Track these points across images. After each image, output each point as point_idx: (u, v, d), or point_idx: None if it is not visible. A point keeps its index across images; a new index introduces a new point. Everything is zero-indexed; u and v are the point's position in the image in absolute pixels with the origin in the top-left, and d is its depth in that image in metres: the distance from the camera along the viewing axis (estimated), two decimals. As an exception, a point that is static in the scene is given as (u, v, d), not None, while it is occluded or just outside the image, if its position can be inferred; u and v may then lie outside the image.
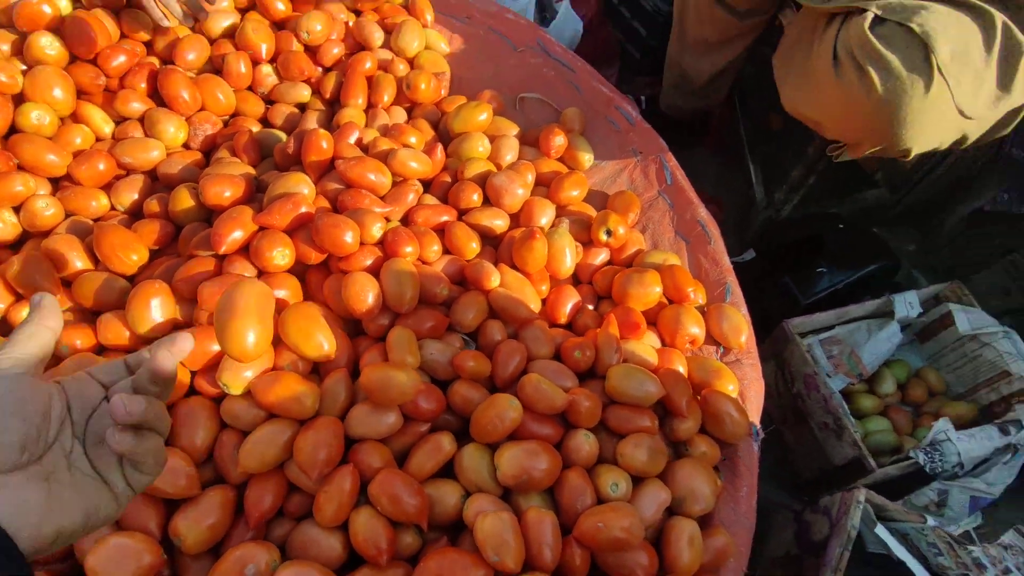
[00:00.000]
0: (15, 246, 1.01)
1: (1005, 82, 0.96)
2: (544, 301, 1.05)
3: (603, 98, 1.34)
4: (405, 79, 1.25)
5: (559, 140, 1.20)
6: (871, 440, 1.36)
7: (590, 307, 1.07)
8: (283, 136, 1.16)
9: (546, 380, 0.88)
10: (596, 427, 0.90)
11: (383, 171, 1.05)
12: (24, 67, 1.08)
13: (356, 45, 1.34)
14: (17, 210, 1.00)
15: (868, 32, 0.95)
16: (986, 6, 0.96)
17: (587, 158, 1.24)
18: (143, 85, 1.16)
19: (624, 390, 0.89)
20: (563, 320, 1.03)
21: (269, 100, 1.26)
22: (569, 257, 1.06)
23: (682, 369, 0.97)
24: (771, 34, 1.37)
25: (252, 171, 1.08)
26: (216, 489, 0.79)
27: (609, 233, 1.08)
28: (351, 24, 1.34)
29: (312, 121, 1.19)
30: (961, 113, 0.98)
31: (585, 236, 1.12)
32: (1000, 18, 0.95)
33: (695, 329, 1.01)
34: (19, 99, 1.06)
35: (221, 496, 0.79)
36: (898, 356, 1.51)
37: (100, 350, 0.89)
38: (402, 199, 1.06)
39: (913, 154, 1.06)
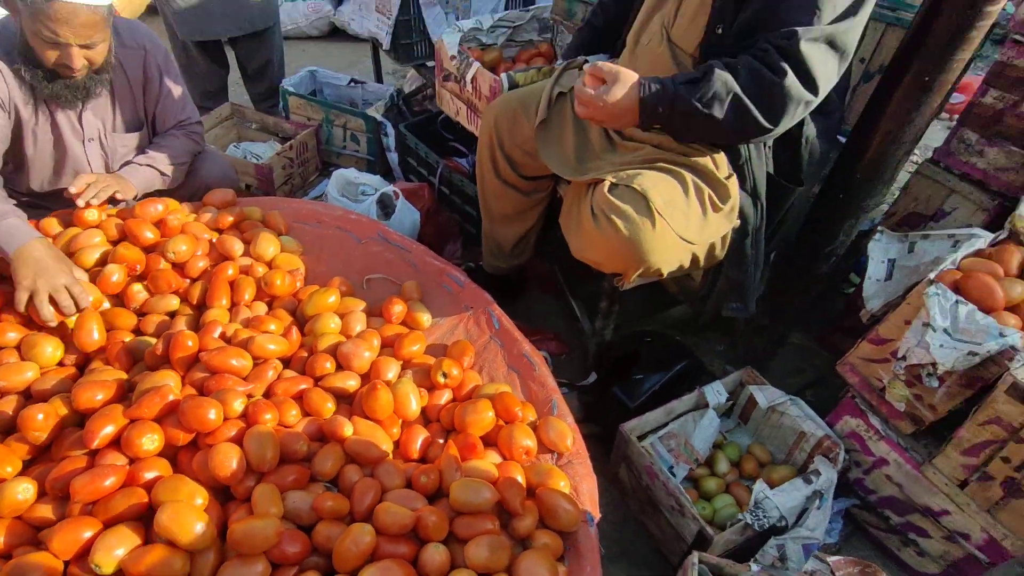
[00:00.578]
0: None
1: (703, 214, 1.35)
2: (397, 442, 1.22)
3: (435, 269, 1.64)
4: (263, 278, 1.48)
5: (398, 308, 1.46)
6: (720, 515, 1.55)
7: (440, 440, 1.25)
8: (152, 341, 1.32)
9: (396, 505, 1.03)
10: (448, 538, 1.04)
11: (244, 356, 1.23)
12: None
13: (220, 257, 1.58)
14: None
15: (608, 194, 1.32)
16: (678, 169, 1.36)
17: (426, 319, 1.49)
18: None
19: (464, 500, 1.05)
20: (415, 455, 1.20)
21: (141, 313, 1.44)
22: (414, 401, 1.25)
23: (519, 477, 1.15)
24: (556, 202, 1.77)
25: (124, 375, 1.22)
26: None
27: (445, 375, 1.30)
28: (214, 241, 1.59)
29: (180, 324, 1.37)
30: (682, 239, 1.34)
31: (428, 382, 1.33)
32: (689, 176, 1.35)
33: (527, 442, 1.21)
34: None
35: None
36: (730, 439, 1.76)
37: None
38: (263, 376, 1.24)
39: (666, 273, 1.40)
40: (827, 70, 1.16)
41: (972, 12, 1.09)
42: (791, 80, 1.15)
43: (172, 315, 1.44)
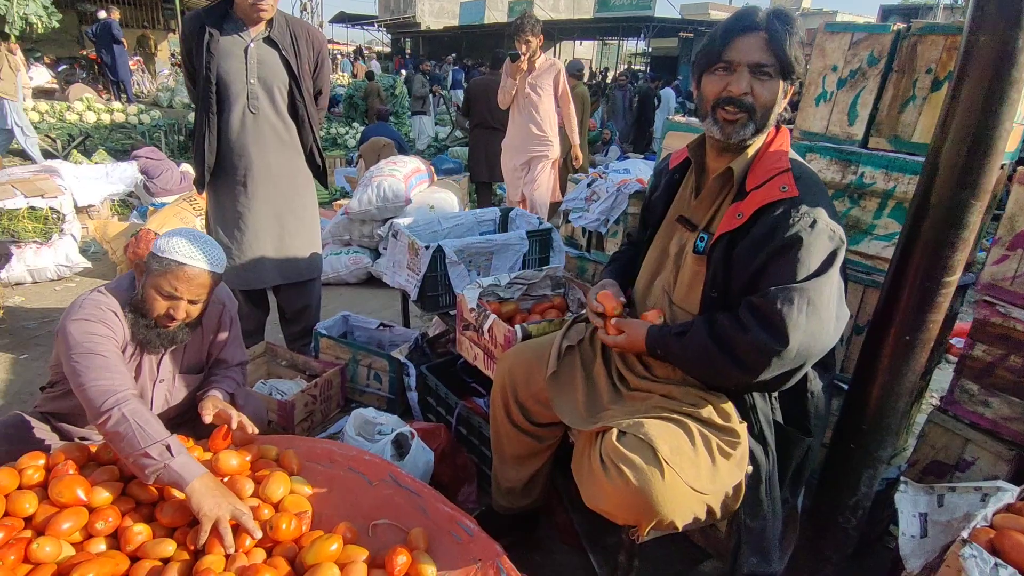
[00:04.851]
0: None
1: (712, 463, 1.34)
2: None
3: (446, 516, 1.59)
4: (269, 522, 1.45)
5: (402, 559, 1.39)
6: None
7: None
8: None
9: None
10: None
11: (233, 611, 1.16)
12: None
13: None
14: None
15: (616, 442, 1.33)
16: (682, 418, 1.40)
17: (430, 571, 1.40)
18: (12, 557, 1.27)
19: None
20: None
21: (135, 557, 1.39)
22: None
23: None
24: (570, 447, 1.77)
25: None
26: None
27: (445, 640, 1.19)
28: (225, 481, 1.59)
29: (173, 571, 1.31)
30: (693, 488, 1.31)
31: (427, 647, 1.21)
32: (695, 426, 1.38)
33: None
34: None
35: None
36: None
37: None
38: (249, 636, 1.15)
39: (680, 527, 1.35)
40: (799, 322, 1.26)
41: (932, 284, 1.21)
42: (756, 334, 1.28)
43: (167, 561, 1.39)
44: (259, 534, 1.43)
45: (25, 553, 1.30)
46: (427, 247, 2.51)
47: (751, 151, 1.42)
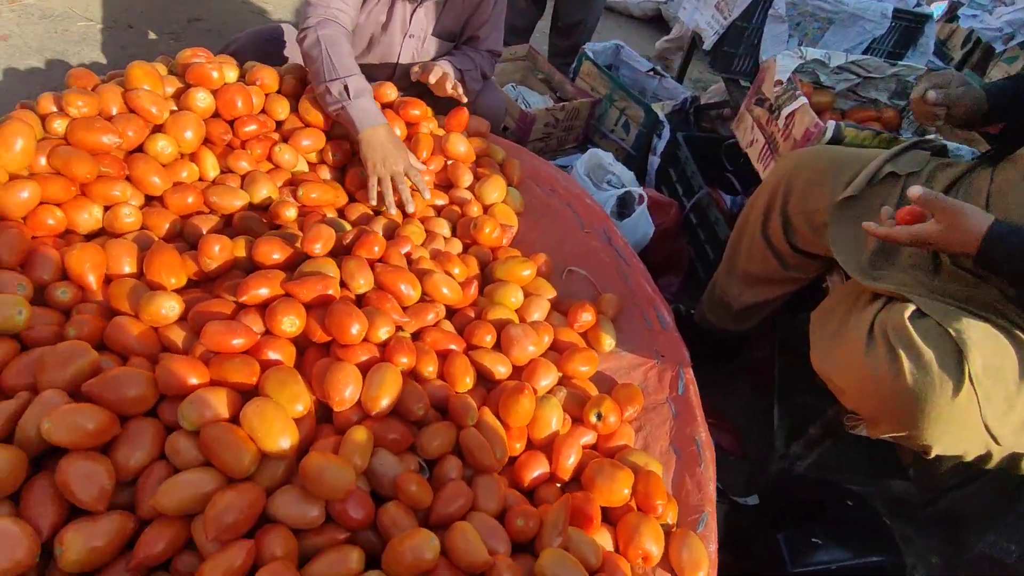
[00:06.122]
0: (90, 238, 1.13)
1: (1032, 410, 0.94)
2: (514, 460, 1.03)
3: (645, 295, 1.40)
4: (474, 220, 1.37)
5: (586, 316, 1.25)
6: None
7: (558, 484, 1.04)
8: (348, 227, 1.27)
9: (476, 536, 0.84)
10: (508, 606, 0.84)
11: (415, 286, 1.12)
12: (175, 108, 1.29)
13: (446, 180, 1.50)
14: (106, 210, 1.14)
15: (908, 321, 0.97)
16: (1021, 334, 0.96)
17: (609, 342, 1.26)
18: (259, 151, 1.34)
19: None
20: (525, 484, 1.00)
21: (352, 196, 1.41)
22: (553, 426, 1.05)
23: (623, 583, 0.90)
24: (816, 291, 1.41)
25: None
26: (118, 515, 0.78)
27: (599, 417, 1.07)
28: (449, 164, 1.51)
29: (378, 226, 1.31)
30: (987, 429, 0.95)
31: (577, 413, 1.12)
32: (1035, 351, 0.95)
33: (652, 546, 0.95)
34: (157, 129, 1.25)
35: (120, 524, 0.78)
36: None
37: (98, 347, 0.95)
38: (422, 316, 1.12)
39: (934, 452, 1.01)
40: None
41: None
42: None
43: (377, 212, 1.39)
44: (428, 195, 1.38)
45: (269, 152, 1.36)
46: (753, -13, 1.93)
47: None
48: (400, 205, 1.36)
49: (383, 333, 1.02)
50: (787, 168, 1.38)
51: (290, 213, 1.24)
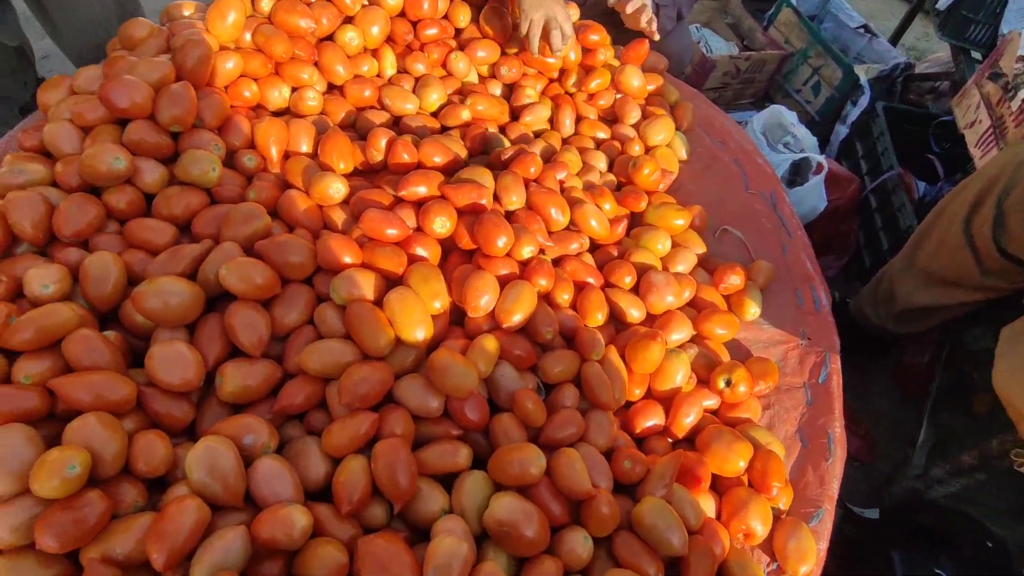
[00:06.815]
0: (276, 115, 1.22)
1: None
2: (629, 404, 1.01)
3: (803, 272, 1.28)
4: (634, 159, 1.31)
5: (734, 279, 1.17)
6: None
7: (669, 440, 1.00)
8: (507, 143, 1.27)
9: (583, 465, 0.84)
10: (600, 540, 0.84)
11: (565, 212, 1.11)
12: (366, 2, 1.33)
13: (612, 114, 1.45)
14: (293, 91, 1.22)
15: None
16: None
17: (753, 311, 1.18)
18: (435, 55, 1.36)
19: (649, 524, 0.82)
20: (636, 431, 0.98)
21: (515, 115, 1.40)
22: (678, 381, 1.01)
23: (719, 552, 0.87)
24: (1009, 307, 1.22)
25: (465, 154, 1.19)
26: (270, 363, 0.87)
27: (728, 383, 1.02)
28: (618, 99, 1.45)
29: (537, 148, 1.29)
30: None
31: (705, 375, 1.06)
32: None
33: (757, 525, 0.90)
34: (347, 20, 1.30)
35: (270, 371, 0.86)
36: None
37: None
38: (566, 243, 1.11)
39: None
40: None
41: None
42: None
43: (539, 134, 1.37)
44: (572, 38, 1.33)
45: (445, 58, 1.38)
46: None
47: None
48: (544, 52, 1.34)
49: (527, 252, 1.02)
50: (1015, 158, 1.18)
51: (457, 119, 1.25)
